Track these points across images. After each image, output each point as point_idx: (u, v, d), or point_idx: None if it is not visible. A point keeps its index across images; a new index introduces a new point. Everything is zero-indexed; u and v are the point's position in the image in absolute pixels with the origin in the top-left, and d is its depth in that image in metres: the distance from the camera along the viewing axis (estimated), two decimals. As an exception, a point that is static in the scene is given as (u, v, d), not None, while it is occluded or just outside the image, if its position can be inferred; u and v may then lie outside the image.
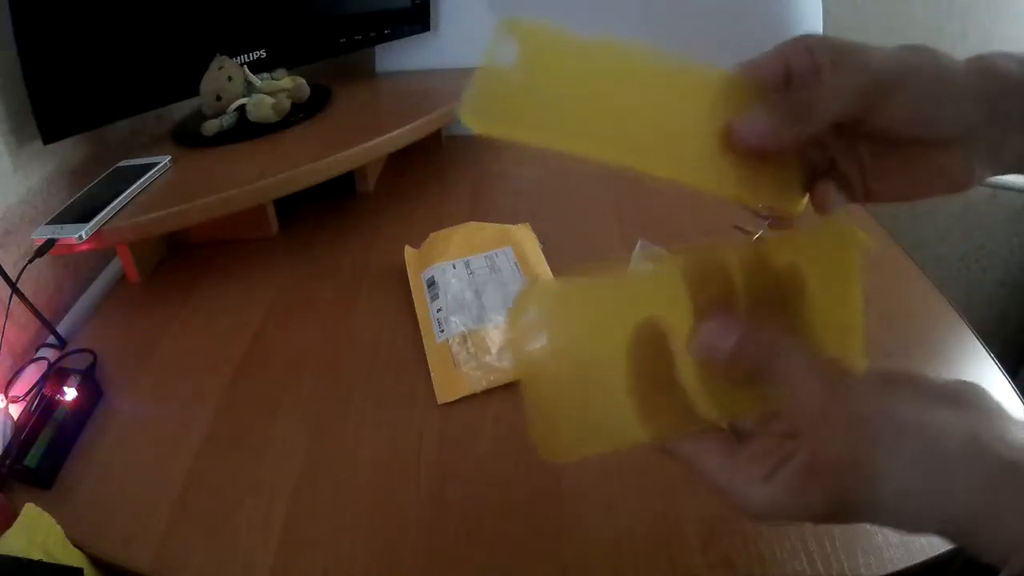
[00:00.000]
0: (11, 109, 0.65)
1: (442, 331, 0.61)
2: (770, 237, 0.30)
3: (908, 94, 0.29)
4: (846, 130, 0.31)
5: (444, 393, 0.56)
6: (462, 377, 0.57)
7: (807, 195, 0.34)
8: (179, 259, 0.79)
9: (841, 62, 0.29)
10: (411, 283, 0.68)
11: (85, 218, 0.62)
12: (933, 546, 0.43)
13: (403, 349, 0.62)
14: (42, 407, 0.54)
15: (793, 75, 0.30)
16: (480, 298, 0.63)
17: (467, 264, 0.67)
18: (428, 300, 0.65)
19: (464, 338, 0.59)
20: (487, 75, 0.29)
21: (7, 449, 0.51)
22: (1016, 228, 1.30)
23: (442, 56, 1.05)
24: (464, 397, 0.56)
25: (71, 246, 0.61)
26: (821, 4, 0.97)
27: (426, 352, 0.60)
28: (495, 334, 0.59)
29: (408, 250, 0.73)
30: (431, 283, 0.66)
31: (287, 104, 0.81)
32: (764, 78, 0.31)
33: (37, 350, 0.64)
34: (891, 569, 0.42)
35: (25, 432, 0.52)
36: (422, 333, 0.62)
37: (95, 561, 0.46)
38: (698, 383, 0.28)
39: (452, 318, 0.61)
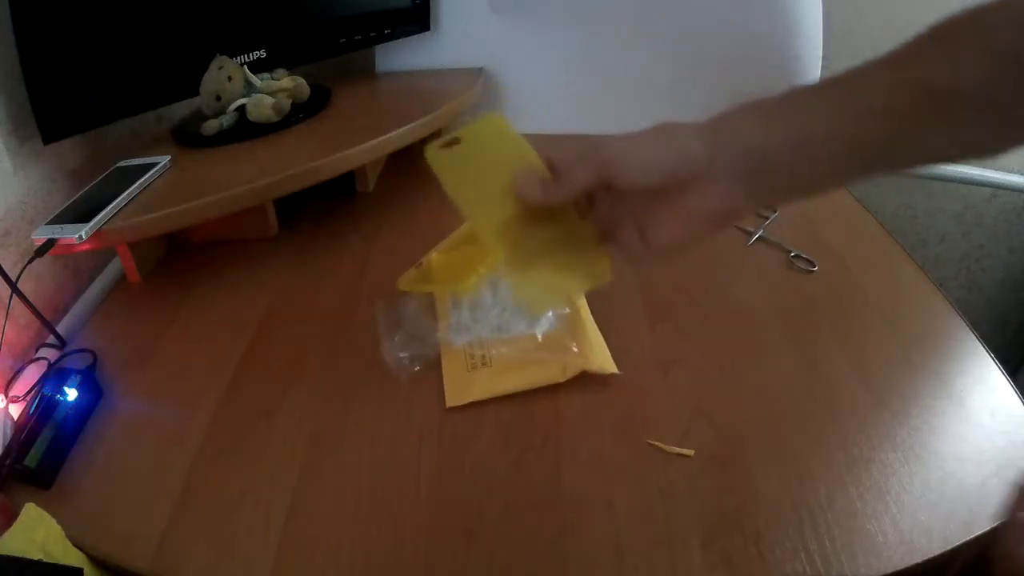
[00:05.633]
0: (11, 109, 0.65)
1: (460, 336, 0.61)
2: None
3: (635, 153, 0.39)
4: (613, 197, 0.42)
5: (454, 397, 0.56)
6: (474, 383, 0.57)
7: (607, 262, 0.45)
8: (179, 259, 0.79)
9: (587, 147, 0.41)
10: (435, 293, 0.66)
11: (85, 218, 0.62)
12: (933, 546, 0.44)
13: (403, 349, 0.62)
14: (42, 407, 0.54)
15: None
16: (501, 306, 0.62)
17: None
18: (450, 305, 0.64)
19: (481, 345, 0.59)
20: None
21: (7, 449, 0.51)
22: (1016, 228, 1.30)
23: (442, 56, 1.05)
24: (464, 397, 0.56)
25: (71, 246, 0.61)
26: (821, 4, 0.97)
27: (441, 355, 0.60)
28: (513, 344, 0.59)
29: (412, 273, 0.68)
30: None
31: (287, 104, 0.81)
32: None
33: (37, 350, 0.64)
34: (891, 569, 0.42)
35: (25, 432, 0.52)
36: (439, 337, 0.62)
37: (95, 561, 0.46)
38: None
39: (472, 324, 0.61)
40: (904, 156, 0.34)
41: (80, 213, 0.64)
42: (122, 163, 0.74)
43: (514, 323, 0.61)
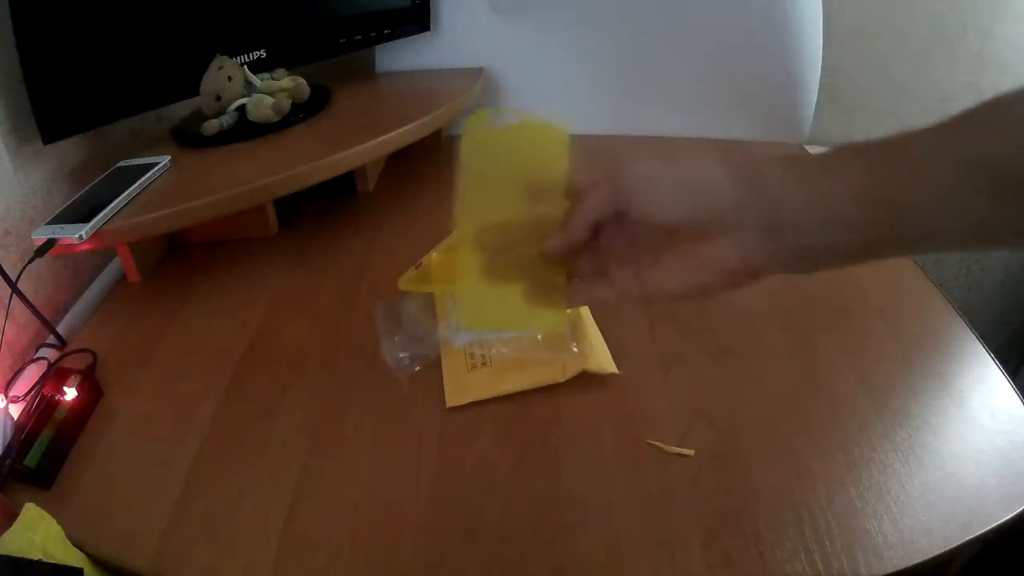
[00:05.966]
0: (11, 109, 0.65)
1: (460, 335, 0.61)
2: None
3: (657, 184, 0.35)
4: (621, 228, 0.37)
5: (454, 397, 0.56)
6: (474, 383, 0.57)
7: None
8: (179, 259, 0.79)
9: (606, 171, 0.37)
10: (435, 293, 0.67)
11: (85, 218, 0.62)
12: (933, 546, 0.44)
13: (403, 349, 0.62)
14: (42, 407, 0.54)
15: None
16: None
17: None
18: (450, 305, 0.64)
19: (481, 345, 0.59)
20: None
21: (7, 449, 0.51)
22: (1016, 228, 1.29)
23: (442, 56, 1.05)
24: (464, 397, 0.56)
25: (71, 246, 0.61)
26: (821, 4, 0.97)
27: (441, 355, 0.60)
28: (513, 344, 0.59)
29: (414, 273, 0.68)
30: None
31: (287, 104, 0.81)
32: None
33: (37, 350, 0.64)
34: (891, 569, 0.42)
35: (25, 432, 0.52)
36: (439, 337, 0.62)
37: (95, 561, 0.46)
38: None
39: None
40: (943, 232, 0.31)
41: (80, 213, 0.64)
42: (122, 163, 0.74)
43: None
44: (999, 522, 0.45)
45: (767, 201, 0.34)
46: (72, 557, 0.45)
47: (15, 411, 0.56)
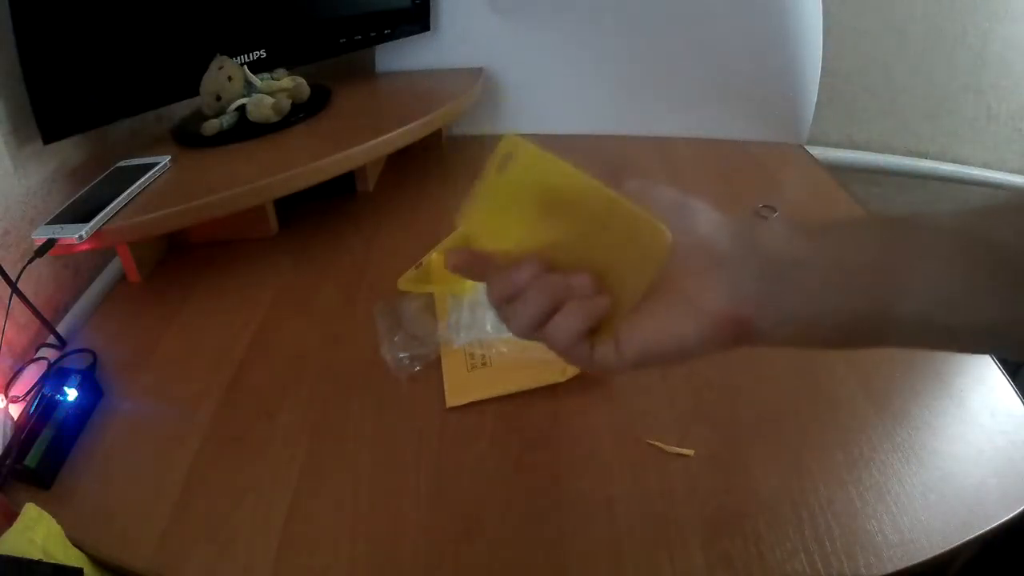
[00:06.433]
0: (11, 109, 0.65)
1: (460, 336, 0.61)
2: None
3: (651, 195, 0.33)
4: None
5: (454, 397, 0.56)
6: (474, 383, 0.57)
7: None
8: (179, 259, 0.79)
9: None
10: (435, 293, 0.67)
11: (85, 218, 0.62)
12: (933, 546, 0.44)
13: (403, 349, 0.62)
14: (42, 407, 0.54)
15: None
16: None
17: None
18: (450, 305, 0.64)
19: (481, 345, 0.59)
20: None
21: (7, 449, 0.51)
22: (1016, 228, 1.29)
23: (442, 56, 1.05)
24: (464, 397, 0.56)
25: (71, 246, 0.61)
26: (821, 4, 0.97)
27: (441, 355, 0.60)
28: (513, 344, 0.59)
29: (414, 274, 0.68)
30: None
31: (287, 104, 0.81)
32: None
33: (37, 350, 0.64)
34: (891, 569, 0.42)
35: (25, 432, 0.52)
36: (439, 337, 0.62)
37: (95, 561, 0.46)
38: None
39: (471, 324, 0.61)
40: (941, 319, 0.29)
41: (80, 213, 0.64)
42: (122, 163, 0.74)
43: None
44: (999, 522, 0.45)
45: (763, 253, 0.32)
46: (72, 557, 0.45)
47: (15, 411, 0.56)
